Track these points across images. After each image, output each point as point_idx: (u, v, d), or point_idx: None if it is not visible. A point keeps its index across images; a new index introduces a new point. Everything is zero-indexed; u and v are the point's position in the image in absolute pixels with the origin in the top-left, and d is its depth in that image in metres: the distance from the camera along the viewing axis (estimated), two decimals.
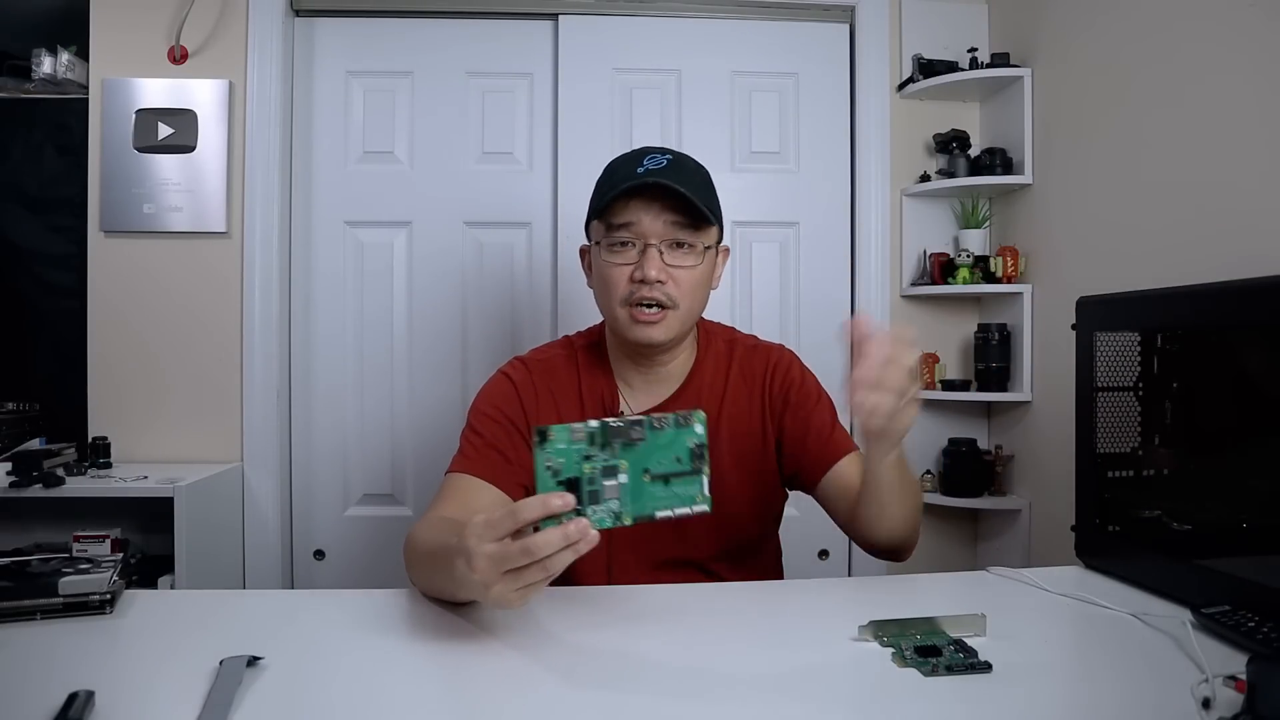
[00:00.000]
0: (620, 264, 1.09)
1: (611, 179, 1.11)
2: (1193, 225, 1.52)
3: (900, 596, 0.98)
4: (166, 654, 0.79)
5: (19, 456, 1.72)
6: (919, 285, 2.18)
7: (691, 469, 0.76)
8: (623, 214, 1.08)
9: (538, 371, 1.18)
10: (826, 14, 2.22)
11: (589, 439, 0.75)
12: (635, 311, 1.08)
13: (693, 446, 0.77)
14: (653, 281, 1.07)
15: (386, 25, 2.16)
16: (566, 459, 0.75)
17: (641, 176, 1.06)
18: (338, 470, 2.16)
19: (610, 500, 0.74)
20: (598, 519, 0.73)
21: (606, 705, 0.68)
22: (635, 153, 1.13)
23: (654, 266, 1.07)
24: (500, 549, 0.70)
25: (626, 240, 1.09)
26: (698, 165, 1.14)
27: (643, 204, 1.07)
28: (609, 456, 0.75)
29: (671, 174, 1.06)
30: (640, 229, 1.08)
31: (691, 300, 1.11)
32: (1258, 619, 0.80)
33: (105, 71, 2.04)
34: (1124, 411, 1.08)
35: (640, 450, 0.76)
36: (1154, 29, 1.63)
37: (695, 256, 1.10)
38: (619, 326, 1.12)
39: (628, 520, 0.74)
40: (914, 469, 1.08)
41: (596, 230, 1.13)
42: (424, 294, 2.17)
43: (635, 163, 1.09)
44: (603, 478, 0.75)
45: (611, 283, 1.10)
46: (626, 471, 0.75)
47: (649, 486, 0.75)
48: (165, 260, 2.06)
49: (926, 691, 0.70)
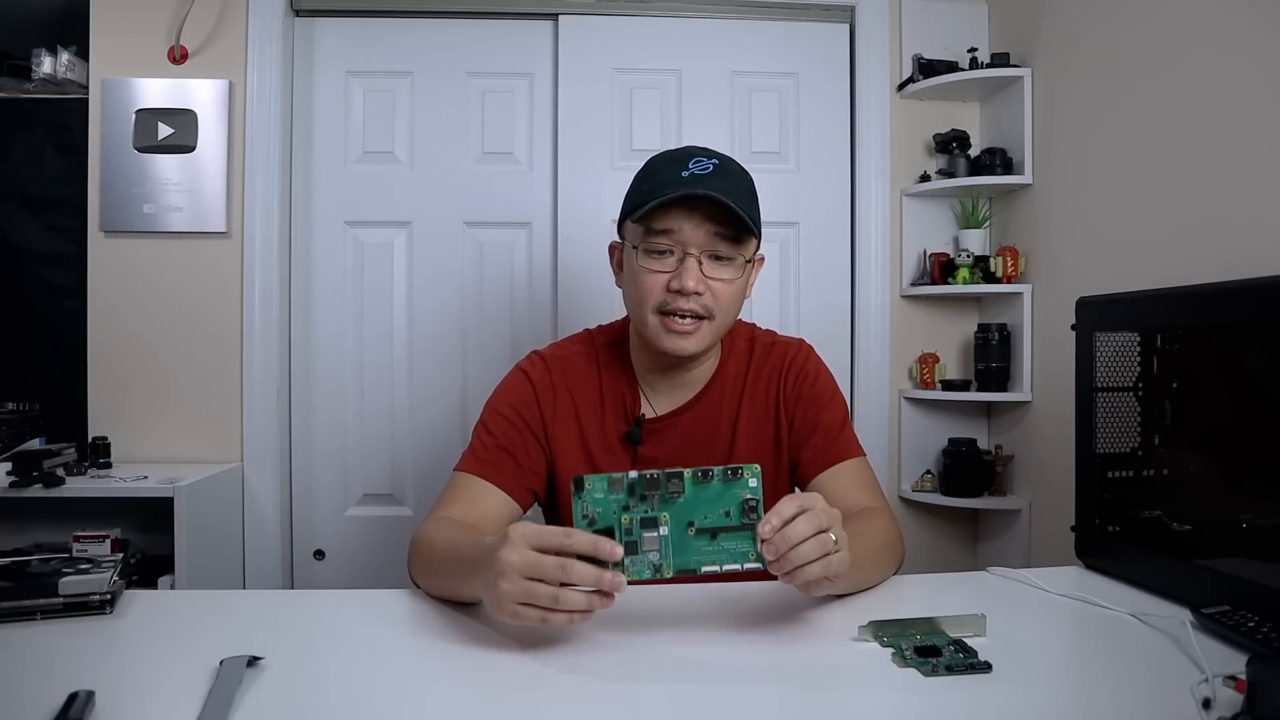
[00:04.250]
0: (657, 271, 1.05)
1: (653, 179, 1.06)
2: (1192, 225, 1.52)
3: (900, 596, 0.98)
4: (166, 654, 0.79)
5: (19, 456, 1.71)
6: (919, 285, 2.18)
7: (742, 524, 0.73)
8: (664, 220, 1.03)
9: (557, 369, 1.16)
10: (826, 14, 2.22)
11: (628, 490, 0.73)
12: (668, 321, 1.05)
13: (744, 500, 0.74)
14: (690, 293, 1.03)
15: (386, 25, 2.16)
16: (603, 509, 0.73)
17: (687, 183, 1.01)
18: (338, 470, 2.16)
19: (650, 552, 0.72)
20: (637, 571, 0.72)
21: (607, 705, 0.68)
22: (680, 153, 1.07)
23: (693, 277, 1.03)
24: (538, 557, 0.71)
25: (665, 248, 1.04)
26: (743, 171, 1.09)
27: (685, 212, 1.02)
28: (648, 509, 0.73)
29: (717, 182, 1.02)
30: (681, 238, 1.03)
31: (727, 313, 1.08)
32: (1258, 619, 0.80)
33: (105, 71, 2.04)
34: (1124, 411, 1.08)
35: (683, 504, 0.74)
36: (1154, 29, 1.63)
37: (735, 270, 1.06)
38: (649, 334, 1.08)
39: (669, 573, 0.72)
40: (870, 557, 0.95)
41: (633, 233, 1.08)
42: (424, 294, 2.17)
43: (680, 165, 1.04)
44: (642, 529, 0.73)
45: (646, 289, 1.05)
46: (668, 524, 0.73)
47: (693, 540, 0.73)
48: (165, 260, 2.06)
49: (926, 691, 0.70)
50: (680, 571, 0.73)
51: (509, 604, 0.73)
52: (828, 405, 1.15)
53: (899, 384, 2.24)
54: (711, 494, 0.74)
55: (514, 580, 0.72)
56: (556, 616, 0.72)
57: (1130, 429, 1.08)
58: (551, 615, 0.72)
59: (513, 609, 0.73)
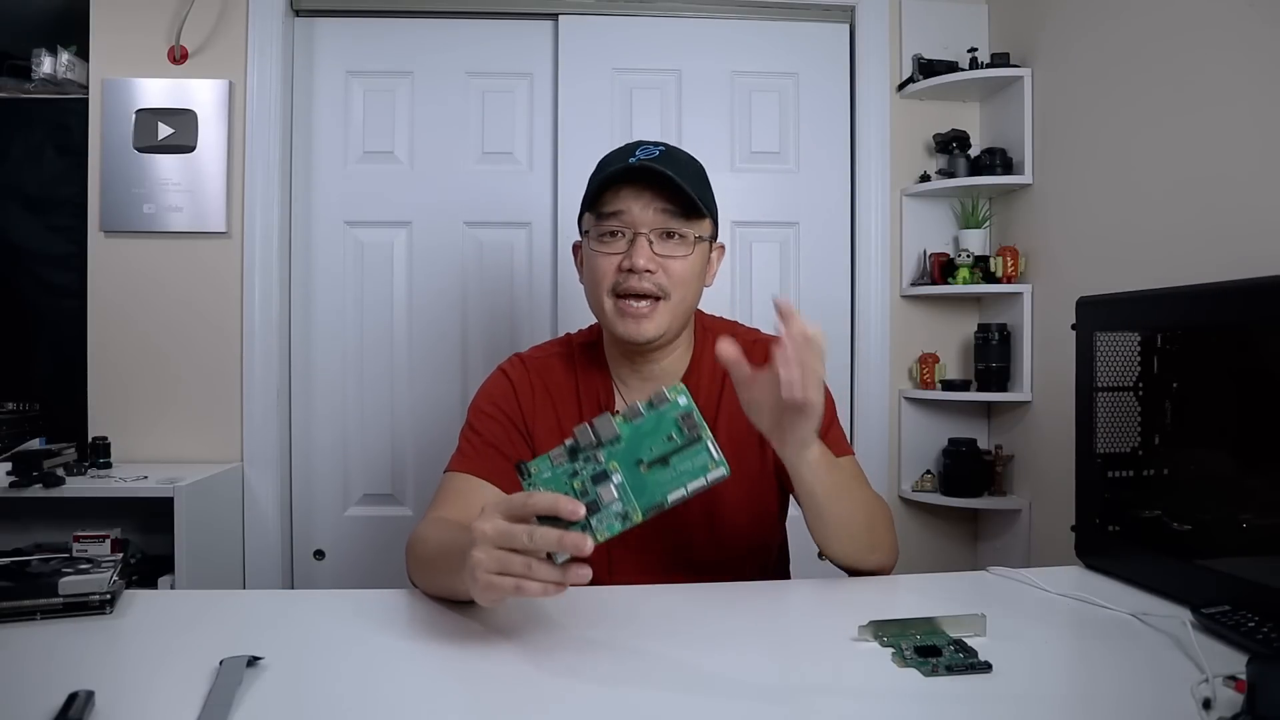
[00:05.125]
0: (608, 253, 1.07)
1: (603, 169, 1.10)
2: (1193, 225, 1.52)
3: (900, 596, 0.98)
4: (166, 654, 0.79)
5: (19, 456, 1.72)
6: (919, 285, 2.18)
7: (688, 439, 0.72)
8: (612, 203, 1.06)
9: (535, 370, 1.17)
10: (826, 14, 2.22)
11: (569, 456, 0.73)
12: (623, 304, 1.06)
13: (679, 418, 0.73)
14: (641, 270, 1.04)
15: (386, 25, 2.16)
16: (555, 484, 0.73)
17: (633, 165, 1.04)
18: (338, 470, 2.16)
19: (612, 505, 0.71)
20: (606, 527, 0.70)
21: (607, 705, 0.68)
22: (628, 145, 1.11)
23: (643, 255, 1.04)
24: (509, 525, 0.71)
25: (616, 230, 1.07)
26: (690, 157, 1.12)
27: (633, 193, 1.05)
28: (595, 465, 0.72)
29: (663, 162, 1.05)
30: (630, 218, 1.06)
31: (684, 291, 1.08)
32: (1258, 619, 0.80)
33: (105, 71, 2.04)
34: (1124, 411, 1.08)
35: (625, 446, 0.73)
36: (1154, 29, 1.63)
37: (686, 246, 1.07)
38: (607, 320, 1.09)
39: (638, 517, 0.71)
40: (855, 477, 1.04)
41: (587, 222, 1.11)
42: (424, 294, 2.17)
43: (627, 153, 1.08)
44: (595, 485, 0.72)
45: (599, 273, 1.08)
46: (619, 471, 0.72)
47: (649, 476, 0.72)
48: (165, 260, 2.06)
49: (926, 691, 0.70)
50: (649, 509, 0.71)
51: (483, 575, 0.72)
52: None
53: (899, 384, 2.24)
54: (647, 426, 0.73)
55: (487, 550, 0.72)
56: (529, 585, 0.71)
57: (1130, 429, 1.08)
58: (525, 583, 0.71)
59: (487, 579, 0.72)
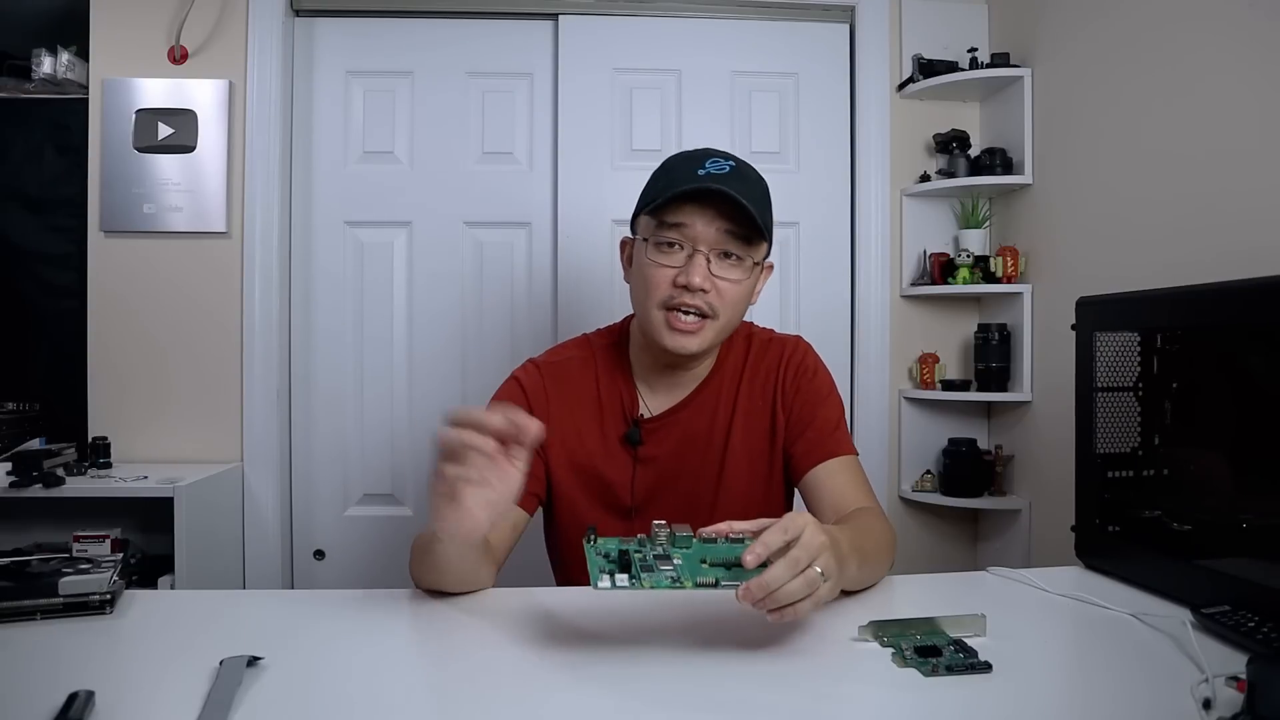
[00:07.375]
0: (665, 265, 1.05)
1: (669, 176, 1.07)
2: (1193, 225, 1.52)
3: (900, 596, 0.98)
4: (166, 654, 0.79)
5: (19, 456, 1.72)
6: (919, 285, 2.18)
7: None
8: (676, 214, 1.04)
9: (550, 375, 1.16)
10: (826, 14, 2.22)
11: (637, 544, 0.78)
12: (672, 317, 1.05)
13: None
14: (696, 289, 1.03)
15: (386, 25, 2.16)
16: (613, 548, 0.77)
17: (702, 180, 1.02)
18: (338, 470, 2.16)
19: (665, 569, 0.74)
20: (654, 581, 0.73)
21: (606, 704, 0.68)
22: (697, 153, 1.08)
23: (699, 274, 1.03)
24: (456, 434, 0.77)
25: (675, 242, 1.05)
26: (758, 176, 1.10)
27: (697, 207, 1.03)
28: (661, 549, 0.77)
29: (733, 182, 1.03)
30: (692, 233, 1.04)
31: (731, 314, 1.08)
32: (1258, 619, 0.80)
33: (105, 71, 2.04)
34: (1124, 411, 1.08)
35: (695, 549, 0.77)
36: (1154, 29, 1.63)
37: (743, 271, 1.07)
38: (653, 329, 1.08)
39: (688, 585, 0.73)
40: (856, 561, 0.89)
41: (645, 226, 1.09)
42: (424, 294, 2.17)
43: (696, 164, 1.05)
44: (656, 561, 0.75)
45: (653, 283, 1.06)
46: (681, 558, 0.76)
47: (708, 570, 0.75)
48: (165, 260, 2.06)
49: (926, 691, 0.70)
50: (700, 584, 0.73)
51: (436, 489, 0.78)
52: (824, 401, 1.16)
53: (899, 384, 2.24)
54: (719, 549, 0.77)
55: (442, 466, 0.77)
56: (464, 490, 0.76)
57: (1130, 429, 1.08)
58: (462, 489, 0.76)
59: (431, 485, 0.78)
